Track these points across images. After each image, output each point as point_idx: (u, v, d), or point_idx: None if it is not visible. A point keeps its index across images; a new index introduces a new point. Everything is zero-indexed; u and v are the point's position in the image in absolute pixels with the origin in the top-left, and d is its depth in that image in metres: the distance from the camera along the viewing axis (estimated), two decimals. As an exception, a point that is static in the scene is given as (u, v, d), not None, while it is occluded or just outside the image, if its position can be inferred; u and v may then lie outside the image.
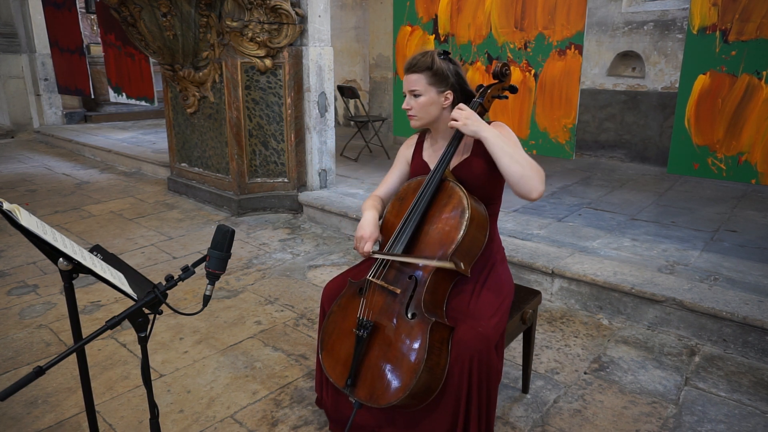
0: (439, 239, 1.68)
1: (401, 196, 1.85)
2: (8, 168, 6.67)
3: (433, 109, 1.79)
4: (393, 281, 1.70)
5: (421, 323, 1.58)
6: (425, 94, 1.77)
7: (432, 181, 1.73)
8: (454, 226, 1.66)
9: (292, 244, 3.99)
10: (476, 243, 1.71)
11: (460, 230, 1.64)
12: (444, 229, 1.68)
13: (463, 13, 3.75)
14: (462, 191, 1.70)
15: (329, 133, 4.73)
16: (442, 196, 1.73)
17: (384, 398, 1.59)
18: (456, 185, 1.72)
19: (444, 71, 1.76)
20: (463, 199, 1.68)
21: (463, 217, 1.65)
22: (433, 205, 1.73)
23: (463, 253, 1.67)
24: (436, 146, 1.91)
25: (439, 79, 1.76)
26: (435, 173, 1.74)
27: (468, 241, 1.67)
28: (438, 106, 1.79)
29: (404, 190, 1.86)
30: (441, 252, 1.66)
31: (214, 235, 1.37)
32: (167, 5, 4.23)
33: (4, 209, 1.15)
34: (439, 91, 1.78)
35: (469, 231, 1.65)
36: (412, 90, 1.77)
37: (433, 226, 1.71)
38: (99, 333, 1.22)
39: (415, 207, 1.72)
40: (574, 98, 3.35)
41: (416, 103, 1.78)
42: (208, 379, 2.33)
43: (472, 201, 1.69)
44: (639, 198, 4.63)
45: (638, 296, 2.77)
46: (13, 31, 8.78)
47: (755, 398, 2.19)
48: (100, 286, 3.19)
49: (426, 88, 1.76)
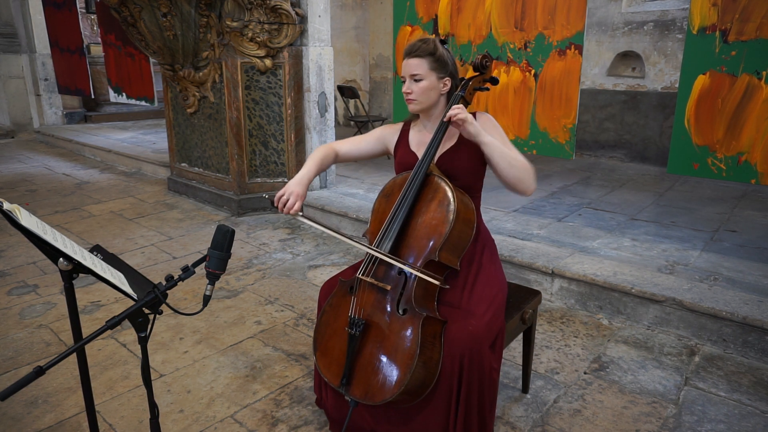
0: (426, 233, 1.69)
1: (387, 192, 1.86)
2: (8, 168, 6.67)
3: (432, 94, 1.81)
4: (383, 278, 1.70)
5: (412, 318, 1.59)
6: (426, 79, 1.78)
7: (417, 176, 1.74)
8: (441, 220, 1.67)
9: (292, 244, 3.99)
10: (464, 236, 1.72)
11: (447, 224, 1.66)
12: (431, 223, 1.69)
13: (463, 13, 3.75)
14: (447, 185, 1.71)
15: (329, 133, 4.73)
16: (428, 190, 1.74)
17: (379, 395, 1.59)
18: (441, 179, 1.74)
19: (445, 58, 1.80)
20: (448, 192, 1.70)
21: (449, 211, 1.67)
22: (420, 201, 1.74)
23: (451, 246, 1.68)
24: (423, 134, 1.92)
25: (440, 65, 1.79)
26: (420, 168, 1.75)
27: (456, 235, 1.68)
28: (437, 91, 1.82)
29: (390, 186, 1.87)
30: (430, 247, 1.67)
31: (214, 235, 1.37)
32: (167, 5, 4.23)
33: (4, 209, 1.15)
34: (439, 77, 1.80)
35: (456, 224, 1.67)
36: (413, 74, 1.79)
37: (420, 221, 1.72)
38: (99, 333, 1.22)
39: (402, 203, 1.73)
40: (574, 98, 3.36)
41: (417, 87, 1.79)
42: (208, 379, 2.33)
43: (458, 194, 1.70)
44: (639, 198, 4.63)
45: (638, 296, 2.77)
46: (13, 31, 8.78)
47: (755, 398, 2.19)
48: (100, 286, 3.19)
49: (427, 72, 1.78)
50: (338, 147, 2.02)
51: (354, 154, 2.04)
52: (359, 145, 2.04)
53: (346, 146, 2.03)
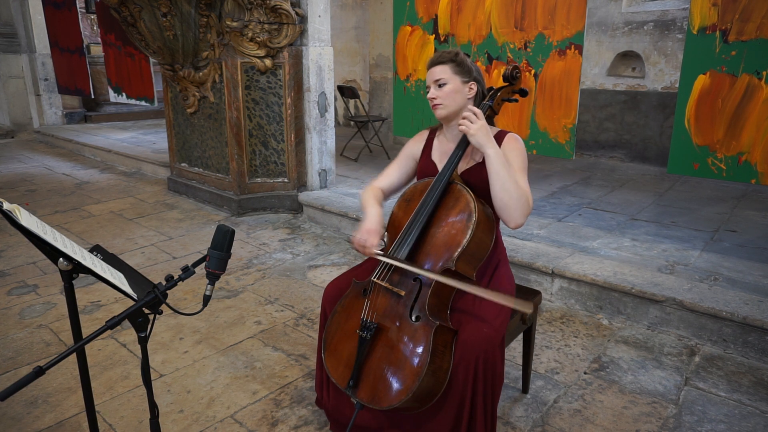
0: (445, 242, 1.67)
1: (408, 197, 1.84)
2: (8, 168, 6.67)
3: (459, 98, 1.80)
4: (398, 283, 1.68)
5: (425, 326, 1.57)
6: (450, 83, 1.78)
7: (440, 184, 1.72)
8: (461, 229, 1.65)
9: (292, 244, 3.99)
10: (482, 246, 1.70)
11: (466, 234, 1.63)
12: (450, 232, 1.67)
13: (463, 13, 3.75)
14: (469, 194, 1.69)
15: (329, 133, 4.73)
16: (449, 198, 1.72)
17: (386, 400, 1.58)
18: (463, 188, 1.71)
19: (467, 63, 1.81)
20: (470, 202, 1.67)
21: (470, 221, 1.64)
22: (440, 208, 1.72)
23: (468, 256, 1.66)
24: (446, 143, 1.91)
25: (463, 70, 1.79)
26: (443, 175, 1.73)
27: (474, 245, 1.65)
28: (463, 95, 1.81)
29: (411, 192, 1.85)
30: (447, 255, 1.64)
31: (214, 235, 1.37)
32: (167, 5, 4.23)
33: (4, 209, 1.15)
34: (463, 81, 1.80)
35: (476, 234, 1.64)
36: (437, 80, 1.79)
37: (439, 229, 1.70)
38: (99, 333, 1.22)
39: (422, 209, 1.71)
40: (574, 98, 3.35)
41: (442, 92, 1.79)
42: (208, 379, 2.33)
43: (479, 204, 1.68)
44: (639, 198, 4.63)
45: (638, 296, 2.77)
46: (13, 31, 8.78)
47: (755, 398, 2.19)
48: (100, 286, 3.19)
49: (451, 77, 1.79)
50: (378, 185, 1.99)
51: (395, 183, 2.01)
52: (393, 174, 2.01)
53: (384, 181, 2.00)
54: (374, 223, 1.80)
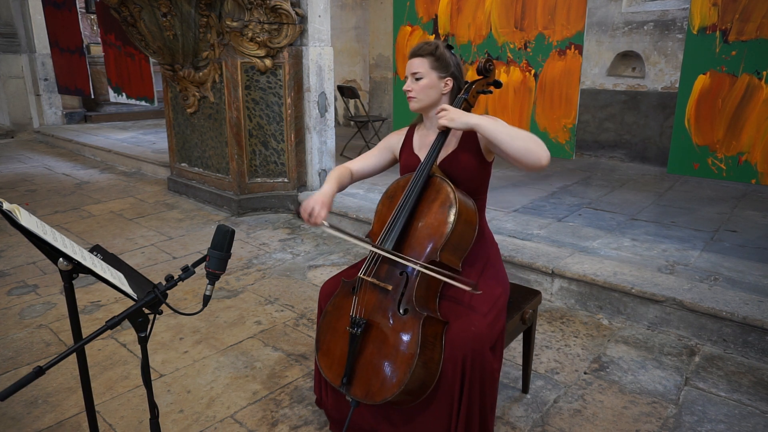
0: (428, 234, 1.69)
1: (391, 194, 1.87)
2: (8, 168, 6.67)
3: (433, 93, 1.83)
4: (385, 278, 1.70)
5: (413, 318, 1.60)
6: (426, 77, 1.81)
7: (420, 177, 1.75)
8: (443, 221, 1.68)
9: (292, 244, 3.99)
10: (465, 237, 1.72)
11: (448, 225, 1.66)
12: (433, 224, 1.70)
13: (463, 13, 3.75)
14: (449, 186, 1.72)
15: (329, 133, 4.73)
16: (430, 191, 1.75)
17: (379, 394, 1.59)
18: (443, 180, 1.74)
19: (446, 58, 1.82)
20: (450, 194, 1.70)
21: (451, 212, 1.67)
22: (422, 201, 1.75)
23: (452, 247, 1.68)
24: (426, 136, 1.93)
25: (441, 65, 1.81)
26: (423, 169, 1.76)
27: (457, 236, 1.68)
28: (438, 90, 1.83)
29: (394, 188, 1.88)
30: (431, 246, 1.67)
31: (214, 235, 1.37)
32: (167, 5, 4.23)
33: (4, 209, 1.15)
34: (440, 76, 1.82)
35: (458, 226, 1.67)
36: (414, 72, 1.82)
37: (422, 222, 1.72)
38: (99, 333, 1.22)
39: (404, 203, 1.74)
40: (574, 98, 3.36)
41: (417, 85, 1.82)
42: (208, 379, 2.33)
43: (459, 195, 1.70)
44: (639, 198, 4.63)
45: (638, 296, 2.77)
46: (13, 31, 8.78)
47: (755, 398, 2.19)
48: (100, 286, 3.19)
49: (428, 71, 1.81)
50: (351, 165, 2.03)
51: (367, 169, 2.05)
52: (368, 160, 2.05)
53: (358, 164, 2.04)
54: (326, 195, 1.84)
